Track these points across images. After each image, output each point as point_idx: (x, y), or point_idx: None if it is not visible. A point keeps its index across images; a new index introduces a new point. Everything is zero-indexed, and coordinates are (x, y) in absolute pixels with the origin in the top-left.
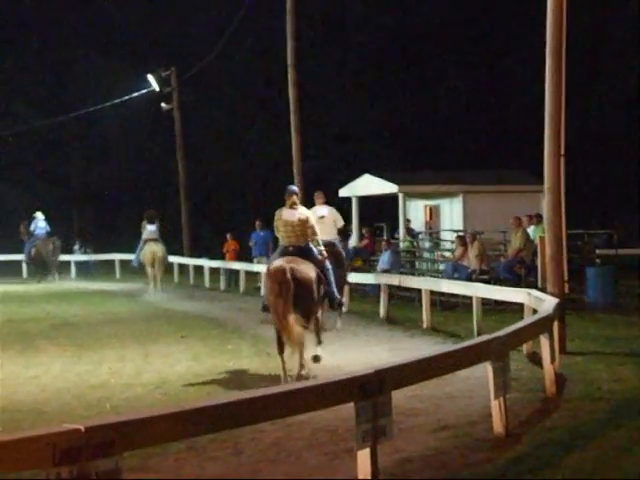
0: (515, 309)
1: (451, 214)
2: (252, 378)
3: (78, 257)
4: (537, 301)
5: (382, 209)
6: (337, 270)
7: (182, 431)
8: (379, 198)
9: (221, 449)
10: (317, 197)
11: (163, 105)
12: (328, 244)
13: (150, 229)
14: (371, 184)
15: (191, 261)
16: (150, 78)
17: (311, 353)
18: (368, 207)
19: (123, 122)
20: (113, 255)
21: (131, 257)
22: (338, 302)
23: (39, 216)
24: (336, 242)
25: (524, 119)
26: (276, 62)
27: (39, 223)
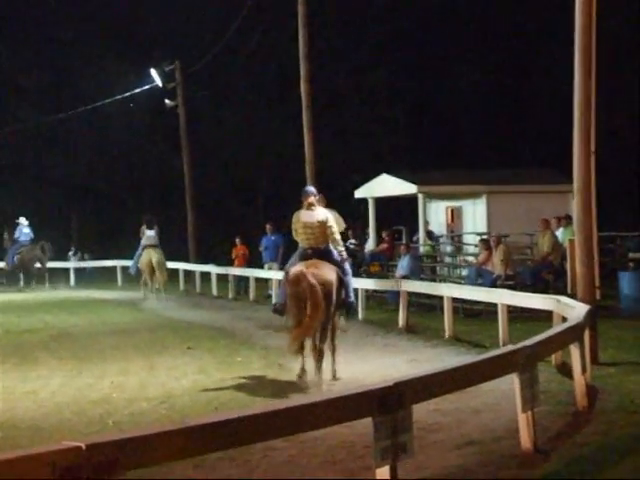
0: (543, 317)
1: (474, 216)
2: (263, 392)
3: (77, 264)
4: (567, 308)
5: (400, 211)
6: None
7: (189, 449)
8: (397, 199)
9: (230, 468)
10: (319, 200)
11: (167, 102)
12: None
13: (149, 234)
14: (389, 184)
15: (198, 267)
16: (153, 73)
17: (329, 366)
18: (385, 209)
19: (124, 120)
20: (115, 261)
21: None
22: (354, 309)
23: (23, 222)
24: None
25: (552, 114)
26: (288, 55)
27: (23, 229)
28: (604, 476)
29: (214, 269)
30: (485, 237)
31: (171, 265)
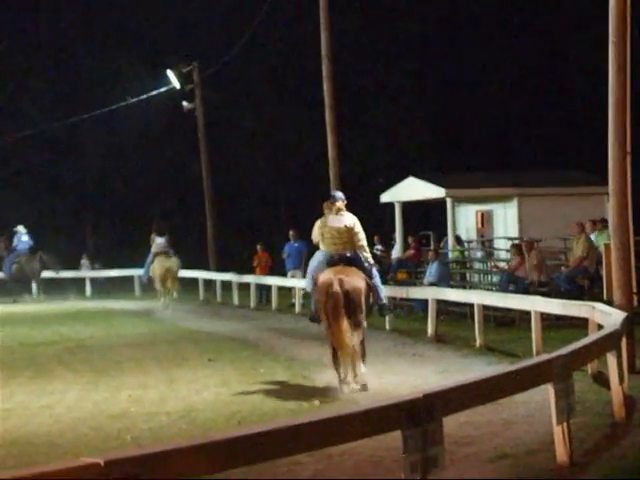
0: (578, 324)
1: (505, 220)
2: (287, 405)
3: (92, 273)
4: (603, 315)
5: (428, 216)
6: None
7: (211, 465)
8: (425, 203)
9: None
10: (327, 207)
11: (184, 104)
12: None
13: (159, 242)
14: (416, 188)
15: (218, 276)
16: (170, 74)
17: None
18: (413, 214)
19: (140, 123)
20: (132, 270)
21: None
22: (388, 308)
23: (21, 230)
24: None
25: (585, 114)
26: (309, 54)
27: (22, 237)
28: None
29: (235, 277)
30: (517, 242)
31: (190, 274)
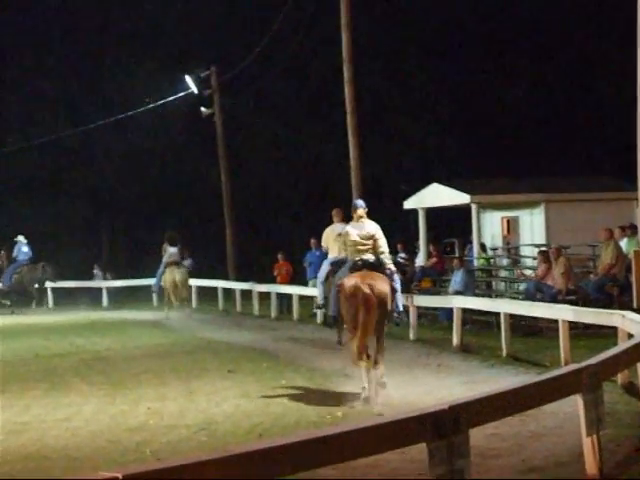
0: (607, 333)
1: (532, 226)
2: (310, 417)
3: (108, 283)
4: (633, 324)
5: (453, 223)
6: None
7: (231, 478)
8: (449, 210)
9: None
10: (335, 214)
11: (203, 109)
12: (345, 261)
13: (171, 252)
14: (440, 194)
15: (237, 285)
16: (188, 79)
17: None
18: (437, 220)
19: (158, 130)
20: (150, 280)
21: None
22: (403, 317)
23: (22, 240)
24: None
25: (613, 117)
26: (329, 57)
27: (22, 248)
28: None
29: (255, 287)
30: (544, 249)
31: (209, 283)
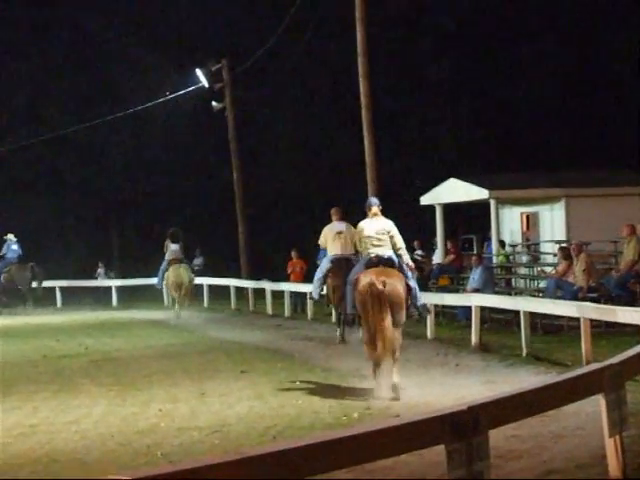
0: (630, 332)
1: (552, 222)
2: (325, 418)
3: (117, 282)
4: None
5: (471, 219)
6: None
7: None
8: (467, 206)
9: None
10: (334, 213)
11: (214, 104)
12: (344, 259)
13: (174, 249)
14: (457, 190)
15: (250, 284)
16: (198, 73)
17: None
18: (454, 216)
19: (168, 125)
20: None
21: None
22: (427, 308)
23: (11, 238)
24: (352, 258)
25: (635, 110)
26: (344, 51)
27: (12, 246)
28: None
29: (268, 285)
30: (564, 245)
31: (221, 282)
